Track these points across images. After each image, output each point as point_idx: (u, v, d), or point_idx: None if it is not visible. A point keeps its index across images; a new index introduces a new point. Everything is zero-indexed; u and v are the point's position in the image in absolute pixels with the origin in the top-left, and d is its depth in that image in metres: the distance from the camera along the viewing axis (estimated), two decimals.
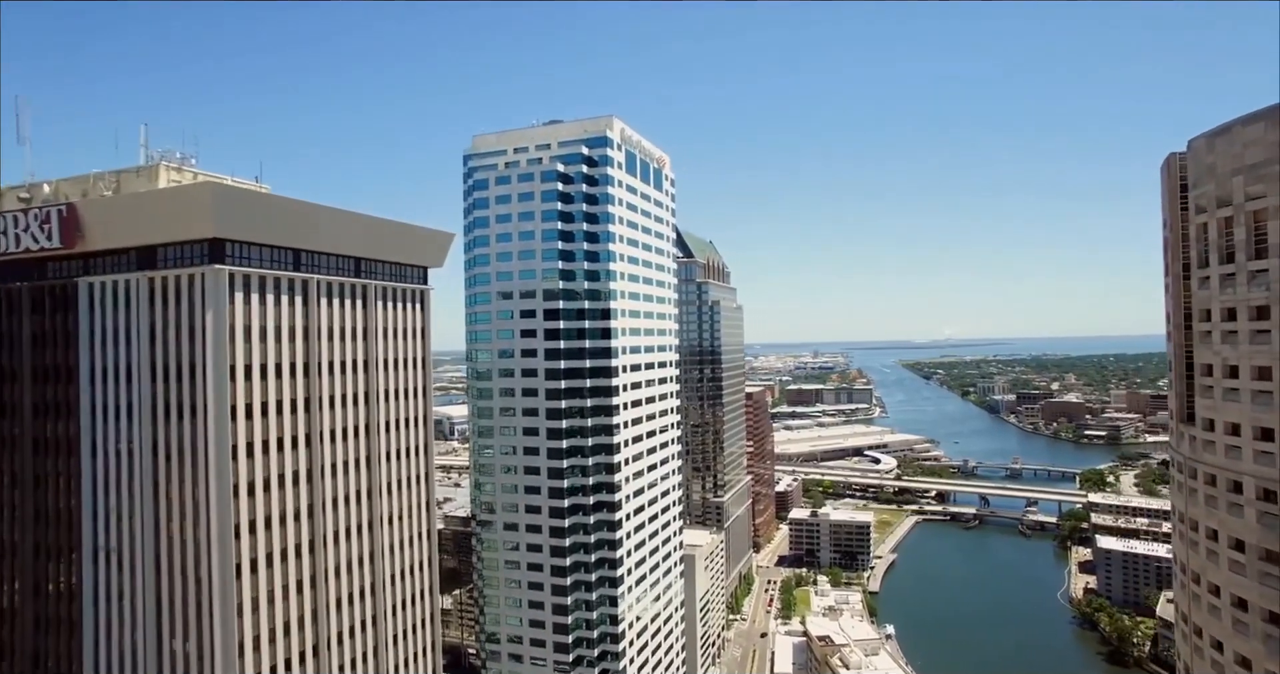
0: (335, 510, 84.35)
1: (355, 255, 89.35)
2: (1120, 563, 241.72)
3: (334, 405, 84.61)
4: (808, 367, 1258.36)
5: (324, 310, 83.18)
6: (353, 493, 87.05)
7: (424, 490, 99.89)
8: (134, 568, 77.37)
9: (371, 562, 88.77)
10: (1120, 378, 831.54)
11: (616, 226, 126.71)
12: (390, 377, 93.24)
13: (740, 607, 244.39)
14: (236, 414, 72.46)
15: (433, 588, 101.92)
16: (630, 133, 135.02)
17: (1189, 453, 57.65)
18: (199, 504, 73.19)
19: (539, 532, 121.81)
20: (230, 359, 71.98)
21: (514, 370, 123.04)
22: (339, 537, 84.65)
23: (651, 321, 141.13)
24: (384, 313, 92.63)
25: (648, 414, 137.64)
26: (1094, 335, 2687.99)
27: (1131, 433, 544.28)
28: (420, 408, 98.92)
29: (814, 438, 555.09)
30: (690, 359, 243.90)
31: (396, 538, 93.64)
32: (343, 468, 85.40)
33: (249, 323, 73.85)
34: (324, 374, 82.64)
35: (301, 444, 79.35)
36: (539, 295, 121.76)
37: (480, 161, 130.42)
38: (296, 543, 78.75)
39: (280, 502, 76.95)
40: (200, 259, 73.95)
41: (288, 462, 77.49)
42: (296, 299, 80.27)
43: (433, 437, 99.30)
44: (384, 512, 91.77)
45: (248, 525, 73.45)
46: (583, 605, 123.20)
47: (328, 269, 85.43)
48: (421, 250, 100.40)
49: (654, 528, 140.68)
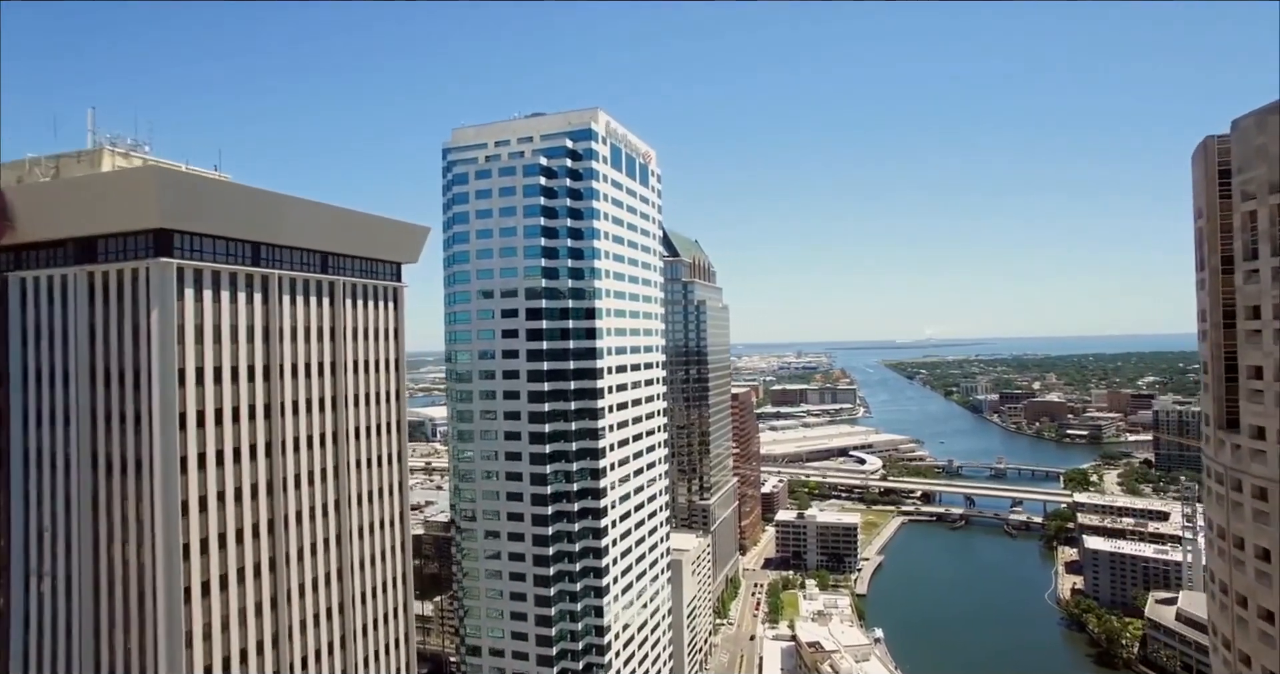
0: (299, 525, 77.87)
1: (322, 249, 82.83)
2: (1107, 563, 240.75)
3: (297, 411, 78.05)
4: (791, 367, 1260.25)
5: (286, 309, 76.60)
6: (319, 505, 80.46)
7: (398, 500, 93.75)
8: (70, 591, 70.67)
9: (340, 579, 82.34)
10: (1100, 377, 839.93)
11: (601, 223, 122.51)
12: (360, 380, 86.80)
13: (727, 611, 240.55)
14: (186, 422, 65.95)
15: (408, 604, 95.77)
16: (615, 126, 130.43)
17: (1231, 463, 53.31)
18: (143, 521, 66.57)
19: (521, 539, 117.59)
20: (179, 361, 65.44)
21: (495, 372, 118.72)
22: (303, 553, 78.21)
23: (637, 321, 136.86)
24: (353, 311, 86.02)
25: (634, 417, 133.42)
26: (1073, 335, 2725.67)
27: (1113, 432, 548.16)
28: (394, 413, 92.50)
29: (799, 438, 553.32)
30: (676, 360, 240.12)
31: (368, 552, 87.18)
32: (307, 478, 78.83)
33: (200, 322, 67.26)
34: (286, 378, 76.14)
35: (261, 454, 72.91)
36: (521, 294, 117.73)
37: (459, 155, 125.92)
38: (255, 561, 72.25)
39: (236, 517, 70.63)
40: (145, 252, 67.15)
41: (245, 473, 71.07)
42: (255, 296, 73.65)
43: (407, 443, 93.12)
44: (354, 524, 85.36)
45: (198, 544, 66.89)
46: (567, 616, 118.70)
47: (291, 264, 78.84)
48: (395, 245, 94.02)
49: (640, 534, 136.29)
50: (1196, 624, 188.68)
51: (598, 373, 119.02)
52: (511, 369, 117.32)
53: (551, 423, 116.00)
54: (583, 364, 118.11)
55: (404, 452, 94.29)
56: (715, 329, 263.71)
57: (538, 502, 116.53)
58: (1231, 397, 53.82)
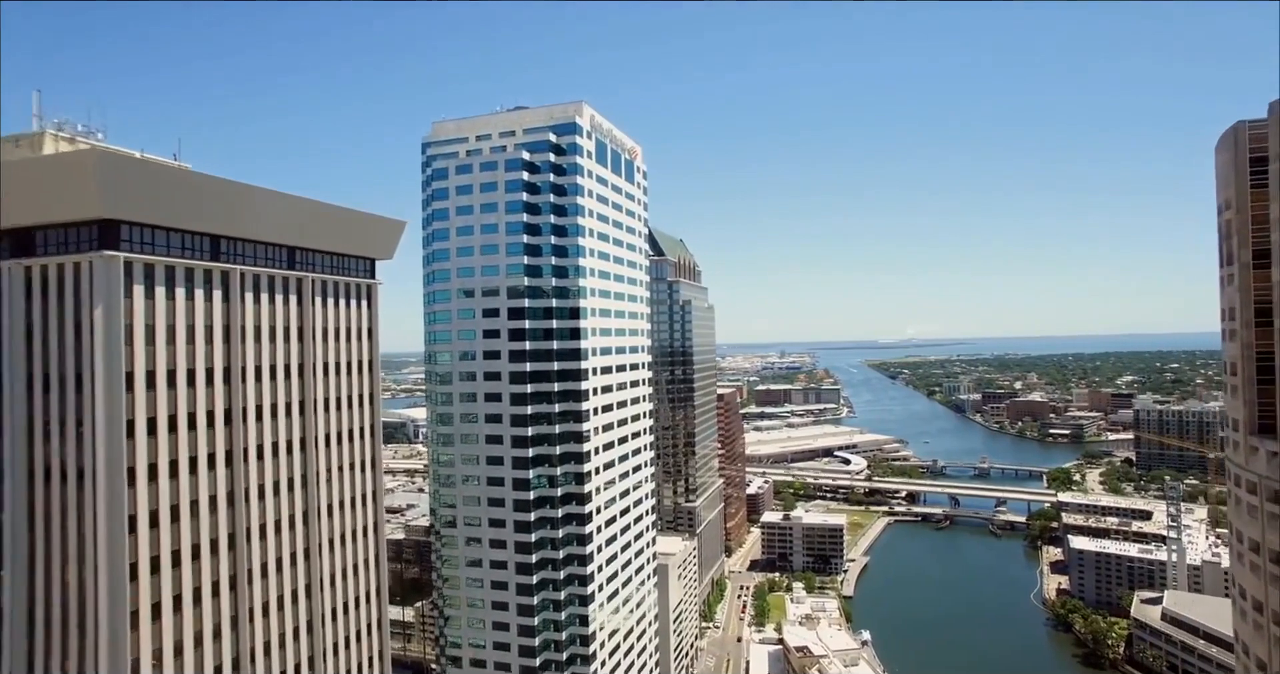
0: (264, 539, 72.63)
1: (288, 244, 77.52)
2: (1093, 563, 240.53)
3: (261, 417, 72.73)
4: (775, 367, 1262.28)
5: (249, 307, 71.24)
6: (285, 517, 75.12)
7: (372, 510, 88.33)
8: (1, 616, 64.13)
9: (308, 595, 76.79)
10: (1080, 377, 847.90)
11: (586, 219, 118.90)
12: (331, 383, 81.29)
13: (713, 614, 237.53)
14: (135, 430, 60.41)
15: (383, 620, 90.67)
16: (600, 120, 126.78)
17: (1266, 471, 50.42)
18: (85, 539, 60.77)
19: (504, 546, 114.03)
20: (127, 364, 59.96)
21: (476, 373, 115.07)
22: (268, 569, 72.96)
23: (623, 321, 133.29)
24: (323, 310, 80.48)
25: (619, 419, 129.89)
26: (1052, 335, 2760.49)
27: (1094, 431, 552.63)
28: (367, 417, 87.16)
29: (784, 439, 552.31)
30: (661, 360, 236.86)
31: (339, 566, 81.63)
32: (273, 489, 73.47)
33: (152, 321, 61.69)
34: (249, 381, 70.85)
35: (220, 463, 67.58)
36: (503, 293, 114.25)
37: (440, 149, 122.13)
38: (214, 580, 66.85)
39: (193, 532, 65.30)
40: (88, 244, 61.48)
41: (203, 484, 65.75)
42: (215, 293, 68.24)
43: (382, 449, 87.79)
44: (324, 537, 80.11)
45: (148, 563, 61.28)
46: (551, 625, 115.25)
47: (255, 259, 73.53)
48: (368, 240, 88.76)
49: (627, 539, 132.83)
50: (1182, 624, 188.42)
51: (582, 374, 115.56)
52: (493, 370, 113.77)
53: (535, 426, 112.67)
54: (567, 365, 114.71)
55: (378, 458, 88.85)
56: (701, 329, 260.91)
57: (520, 507, 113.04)
58: (1266, 400, 50.88)
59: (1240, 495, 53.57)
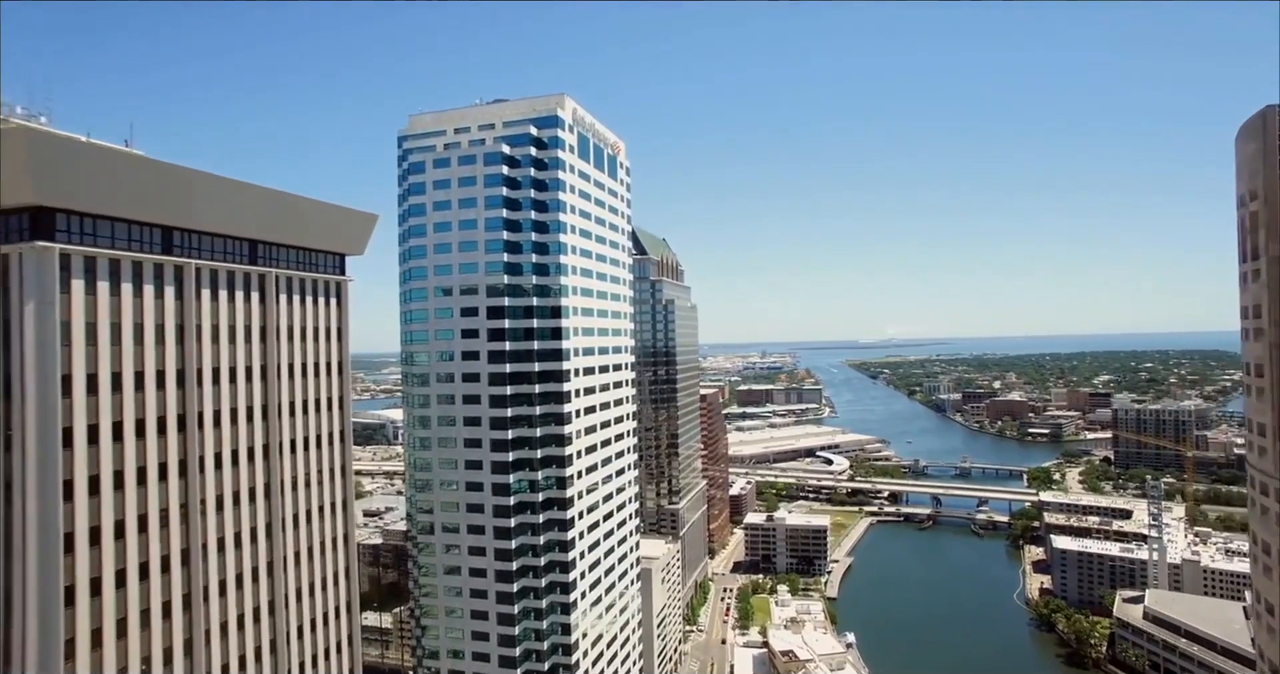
0: (221, 554, 67.58)
1: (251, 237, 72.62)
2: (1075, 563, 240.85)
3: (220, 423, 67.71)
4: (756, 367, 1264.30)
5: (206, 304, 66.23)
6: (245, 530, 70.07)
7: (342, 520, 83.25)
8: None
9: (272, 613, 71.54)
10: (1057, 376, 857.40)
11: (568, 216, 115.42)
12: (298, 385, 76.01)
13: (697, 617, 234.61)
14: (73, 438, 54.88)
15: (353, 637, 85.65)
16: (583, 114, 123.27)
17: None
18: (14, 561, 54.85)
19: (483, 553, 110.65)
20: (64, 366, 54.43)
21: (454, 375, 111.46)
22: (226, 587, 67.97)
23: (606, 320, 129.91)
24: (289, 308, 75.17)
25: (602, 421, 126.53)
26: (1030, 336, 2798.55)
27: (1072, 430, 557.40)
28: (336, 422, 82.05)
29: (766, 439, 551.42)
30: (644, 360, 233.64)
31: (305, 581, 76.21)
32: (232, 500, 68.47)
33: (94, 319, 56.12)
34: (206, 384, 65.90)
35: (173, 474, 62.53)
36: (482, 291, 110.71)
37: (416, 143, 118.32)
38: (165, 600, 61.45)
39: (140, 550, 60.09)
40: (19, 234, 55.70)
41: (152, 497, 60.56)
42: (167, 289, 62.81)
43: (352, 455, 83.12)
44: (288, 550, 75.45)
45: (87, 585, 55.53)
46: (532, 634, 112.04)
47: (212, 253, 68.36)
48: (338, 234, 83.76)
49: (610, 544, 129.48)
50: (1163, 623, 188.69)
51: (564, 375, 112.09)
52: (472, 371, 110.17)
53: (515, 429, 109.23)
54: (548, 366, 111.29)
55: (349, 465, 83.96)
56: (684, 329, 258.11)
57: (500, 512, 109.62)
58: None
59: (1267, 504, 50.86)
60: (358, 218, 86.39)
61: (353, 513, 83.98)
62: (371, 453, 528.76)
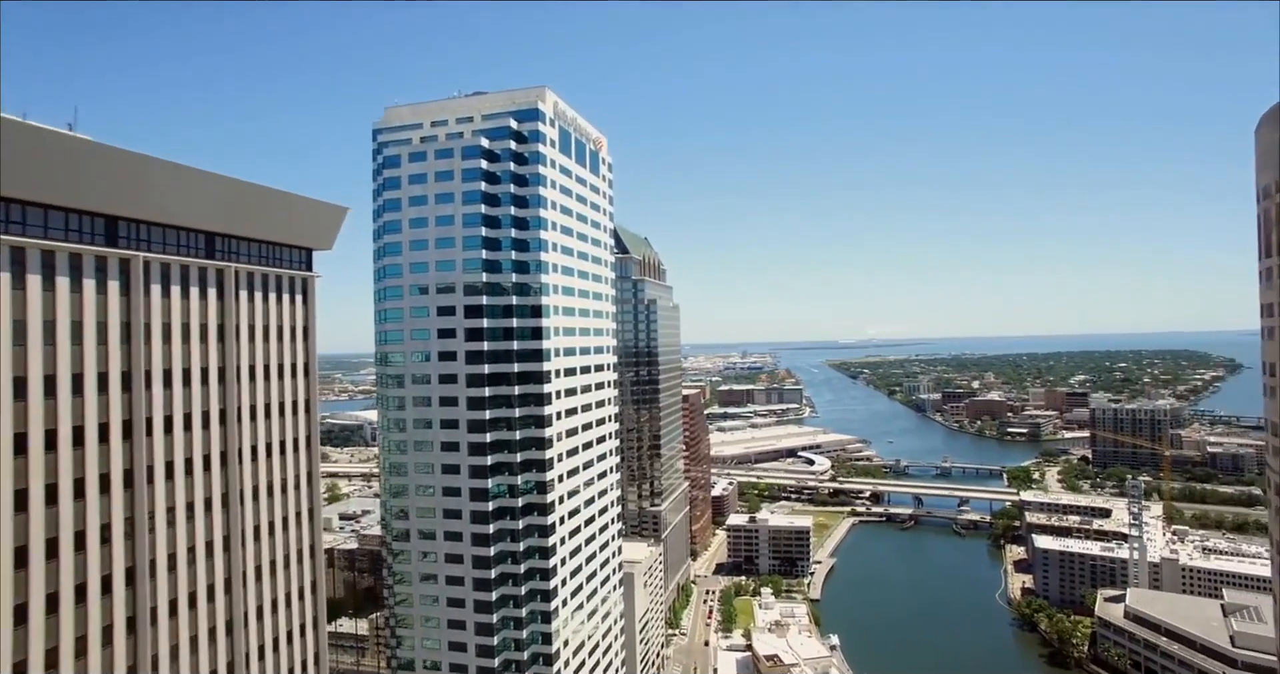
0: (172, 571, 62.78)
1: (208, 229, 67.82)
2: (1057, 562, 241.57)
3: (171, 430, 62.80)
4: (737, 367, 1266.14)
5: (157, 301, 61.32)
6: (200, 544, 65.21)
7: (308, 531, 78.19)
8: None
9: (230, 633, 67.21)
10: (1035, 376, 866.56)
11: (548, 212, 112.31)
12: (259, 388, 71.09)
13: (679, 620, 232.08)
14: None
15: (320, 656, 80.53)
16: (564, 107, 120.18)
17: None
18: None
19: (460, 561, 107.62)
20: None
21: (430, 376, 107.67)
22: (177, 607, 63.03)
23: (588, 320, 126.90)
24: (250, 305, 70.05)
25: (584, 423, 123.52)
26: (1006, 335, 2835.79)
27: (1050, 430, 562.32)
28: (303, 427, 77.13)
29: (748, 439, 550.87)
30: (626, 360, 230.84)
31: (267, 597, 71.41)
32: (185, 513, 63.76)
33: (23, 316, 50.99)
34: (156, 387, 61.07)
35: (116, 485, 57.57)
36: (459, 289, 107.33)
37: (392, 136, 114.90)
38: (105, 625, 56.07)
39: (78, 569, 54.55)
40: None
41: (92, 511, 55.41)
42: (110, 284, 57.74)
43: (319, 462, 78.60)
44: (248, 565, 70.95)
45: (10, 614, 49.70)
46: (512, 644, 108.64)
47: (164, 245, 63.52)
48: (304, 227, 78.88)
49: (592, 550, 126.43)
50: (1144, 621, 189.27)
51: (544, 376, 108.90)
52: (449, 373, 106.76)
53: (494, 431, 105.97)
54: (528, 367, 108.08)
55: (316, 472, 78.97)
56: (666, 329, 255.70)
57: (478, 518, 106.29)
58: None
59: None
60: (326, 210, 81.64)
61: (320, 523, 79.26)
62: (349, 454, 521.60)
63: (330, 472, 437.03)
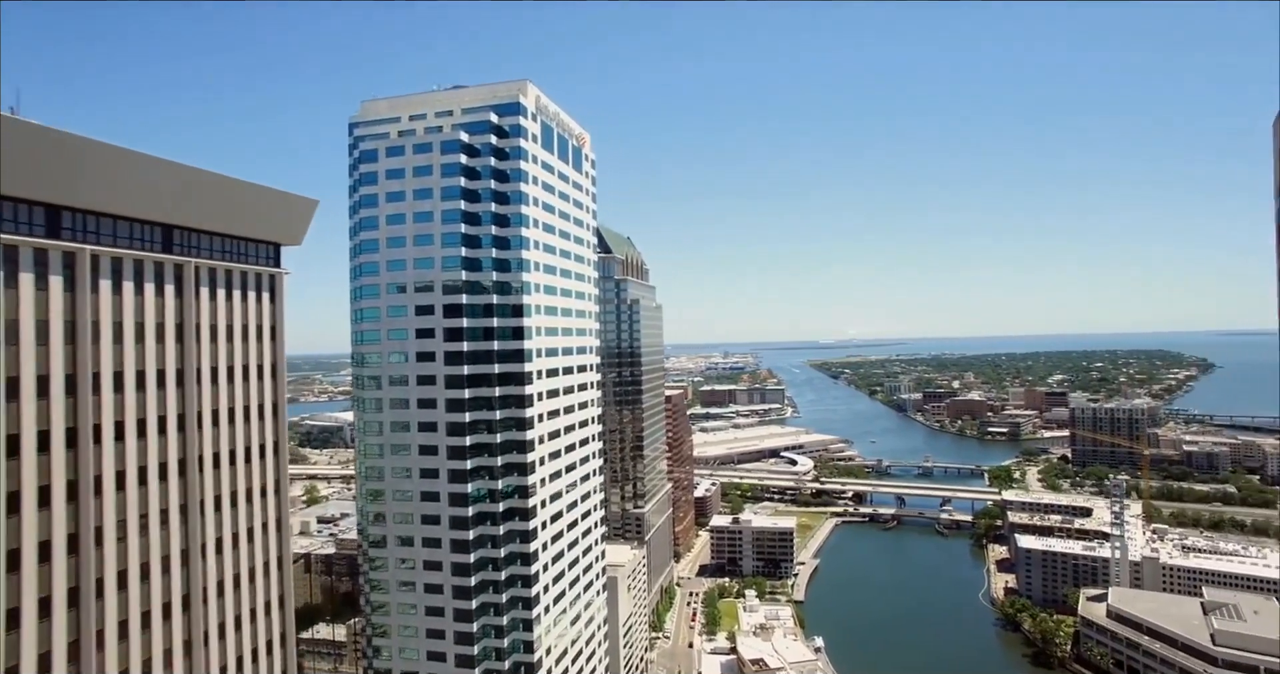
0: (123, 590, 57.98)
1: (164, 221, 63.18)
2: (1040, 562, 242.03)
3: (124, 436, 58.12)
4: (719, 367, 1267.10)
5: (107, 298, 56.90)
6: (156, 560, 60.55)
7: (275, 543, 73.46)
8: None
9: (188, 654, 63.21)
10: (1013, 375, 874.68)
11: (530, 209, 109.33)
12: (222, 391, 66.30)
13: (663, 623, 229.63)
14: None
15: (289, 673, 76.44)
16: (546, 102, 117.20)
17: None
18: None
19: (439, 568, 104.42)
20: None
21: (408, 377, 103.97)
22: (128, 628, 58.08)
23: (570, 320, 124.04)
24: (212, 303, 65.44)
25: (566, 425, 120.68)
26: (985, 335, 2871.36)
27: (1030, 429, 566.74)
28: (270, 432, 72.73)
29: (730, 439, 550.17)
30: (609, 361, 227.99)
31: (230, 614, 66.26)
32: (138, 525, 59.13)
33: None
34: (105, 391, 56.58)
35: (59, 497, 52.78)
36: (438, 288, 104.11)
37: (369, 130, 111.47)
38: (44, 651, 51.18)
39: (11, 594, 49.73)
40: None
41: (28, 528, 50.62)
42: (52, 279, 53.13)
43: (287, 468, 74.41)
44: (208, 580, 66.54)
45: None
46: (493, 654, 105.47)
47: (115, 238, 58.99)
48: (271, 221, 74.33)
49: (574, 555, 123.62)
50: (1127, 620, 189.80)
51: (526, 378, 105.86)
52: (427, 374, 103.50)
53: (473, 434, 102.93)
54: (509, 368, 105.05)
55: (283, 480, 74.14)
56: (649, 329, 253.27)
57: (458, 524, 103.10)
58: None
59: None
60: (295, 203, 77.10)
61: (289, 533, 75.04)
62: (329, 456, 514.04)
63: (309, 474, 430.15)
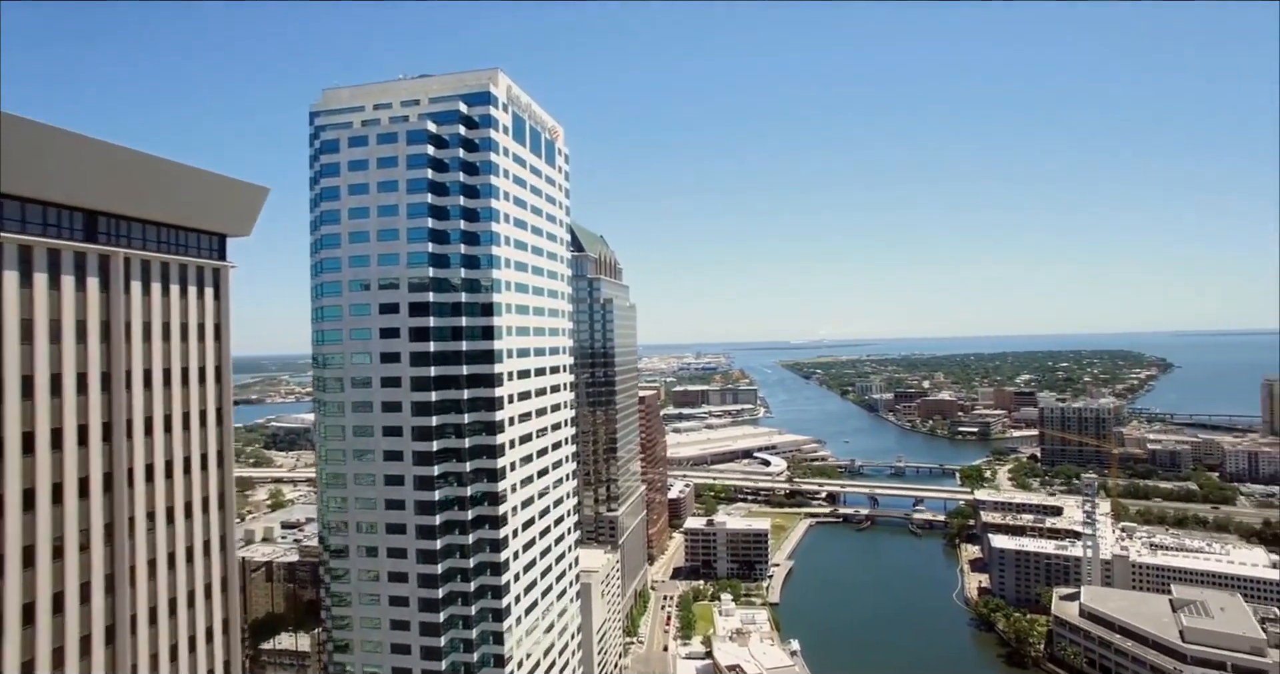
0: (30, 626, 49.93)
1: (86, 207, 56.67)
2: (1013, 561, 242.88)
3: (33, 448, 50.67)
4: (691, 367, 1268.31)
5: (11, 291, 50.07)
6: (74, 587, 53.42)
7: (219, 563, 66.48)
8: None
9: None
10: (982, 375, 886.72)
11: (501, 203, 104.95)
12: (157, 397, 58.59)
13: (637, 628, 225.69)
14: None
15: None
16: (518, 92, 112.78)
17: None
18: None
19: (405, 580, 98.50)
20: None
21: (372, 379, 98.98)
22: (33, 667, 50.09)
23: (543, 319, 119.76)
24: (144, 298, 58.09)
25: (538, 429, 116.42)
26: (954, 336, 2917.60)
27: (1000, 429, 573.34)
28: (213, 441, 66.06)
29: (703, 440, 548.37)
30: (582, 361, 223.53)
31: (165, 643, 60.61)
32: (50, 550, 51.55)
33: None
34: (11, 397, 49.54)
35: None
36: (403, 285, 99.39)
37: (331, 119, 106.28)
38: None
39: None
40: None
41: None
42: None
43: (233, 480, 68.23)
44: (138, 607, 59.43)
45: None
46: (461, 669, 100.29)
47: (24, 224, 52.39)
48: (215, 209, 67.31)
49: (547, 562, 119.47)
50: (1099, 619, 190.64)
51: (496, 379, 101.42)
52: (392, 375, 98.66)
53: (441, 439, 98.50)
54: (478, 369, 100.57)
55: (229, 494, 66.92)
56: (623, 329, 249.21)
57: (424, 533, 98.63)
58: None
59: None
60: (243, 190, 70.28)
61: (234, 552, 68.60)
62: (295, 458, 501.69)
63: (274, 477, 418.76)
